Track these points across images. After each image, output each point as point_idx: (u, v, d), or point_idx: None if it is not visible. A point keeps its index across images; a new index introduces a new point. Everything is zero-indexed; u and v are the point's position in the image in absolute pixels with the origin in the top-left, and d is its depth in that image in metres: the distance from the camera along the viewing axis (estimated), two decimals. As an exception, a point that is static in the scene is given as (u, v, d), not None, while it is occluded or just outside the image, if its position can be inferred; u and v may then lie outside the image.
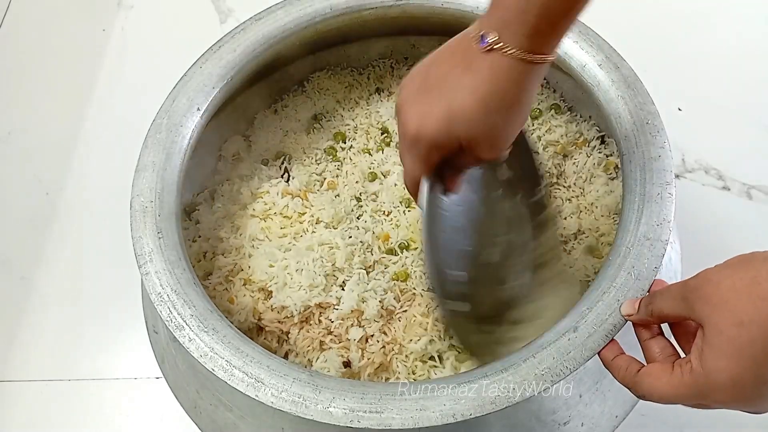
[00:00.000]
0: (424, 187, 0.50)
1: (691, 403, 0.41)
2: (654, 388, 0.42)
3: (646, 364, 0.45)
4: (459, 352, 0.58)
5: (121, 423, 0.72)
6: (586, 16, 0.62)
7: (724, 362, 0.38)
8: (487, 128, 0.45)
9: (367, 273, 0.61)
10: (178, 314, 0.50)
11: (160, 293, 0.51)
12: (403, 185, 0.65)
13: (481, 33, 0.44)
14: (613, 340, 0.48)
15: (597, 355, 0.47)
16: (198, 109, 0.61)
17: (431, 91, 0.46)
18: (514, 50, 0.42)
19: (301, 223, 0.64)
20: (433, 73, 0.46)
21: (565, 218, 0.65)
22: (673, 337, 0.45)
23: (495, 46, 0.43)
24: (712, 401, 0.40)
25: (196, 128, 0.60)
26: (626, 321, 0.47)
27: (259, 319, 0.60)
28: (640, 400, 0.56)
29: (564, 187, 0.67)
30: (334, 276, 0.61)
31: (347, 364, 0.57)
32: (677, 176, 0.81)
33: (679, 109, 0.85)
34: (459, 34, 0.47)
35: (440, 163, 0.49)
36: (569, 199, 0.67)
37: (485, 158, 0.47)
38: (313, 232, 0.63)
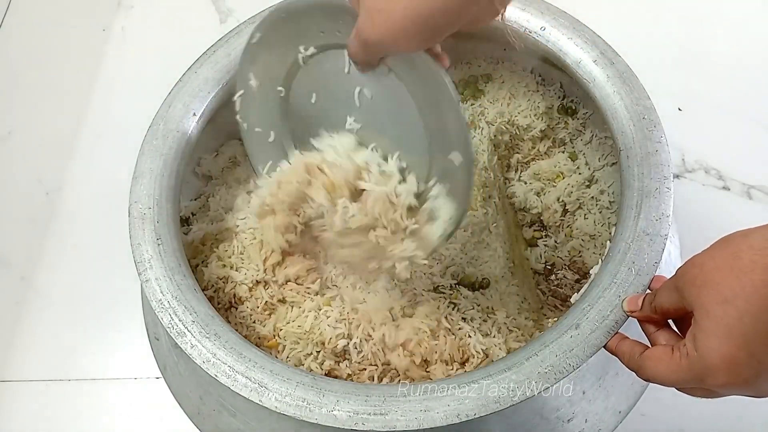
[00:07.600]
0: None
1: (692, 386, 0.41)
2: (657, 372, 0.42)
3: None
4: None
5: (121, 423, 0.72)
6: (585, 17, 0.62)
7: (715, 343, 0.38)
8: None
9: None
10: (180, 321, 0.50)
11: (160, 300, 0.51)
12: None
13: None
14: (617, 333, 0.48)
15: (601, 349, 0.47)
16: (194, 114, 0.60)
17: None
18: None
19: (299, 224, 0.64)
20: None
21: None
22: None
23: None
24: (710, 385, 0.39)
25: (192, 134, 0.60)
26: (628, 317, 0.47)
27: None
28: (641, 398, 0.57)
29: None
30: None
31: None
32: (677, 176, 0.81)
33: (679, 109, 0.85)
34: None
35: None
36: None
37: None
38: (312, 233, 0.63)
